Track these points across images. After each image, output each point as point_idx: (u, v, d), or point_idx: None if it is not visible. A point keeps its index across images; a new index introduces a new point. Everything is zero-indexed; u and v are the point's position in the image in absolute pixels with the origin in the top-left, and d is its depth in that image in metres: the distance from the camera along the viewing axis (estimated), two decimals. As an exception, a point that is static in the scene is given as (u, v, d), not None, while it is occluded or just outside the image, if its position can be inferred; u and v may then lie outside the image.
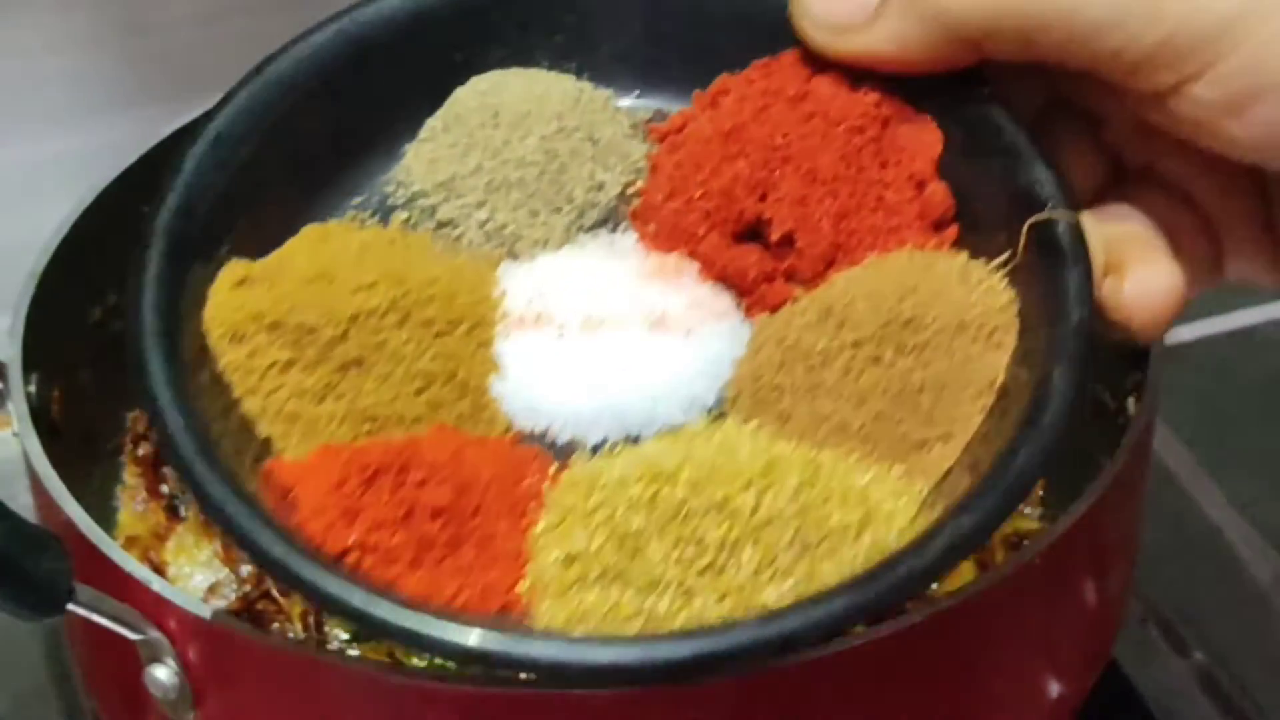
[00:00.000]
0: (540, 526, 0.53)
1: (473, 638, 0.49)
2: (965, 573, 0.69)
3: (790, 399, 0.55)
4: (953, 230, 0.57)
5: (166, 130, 0.74)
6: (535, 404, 0.56)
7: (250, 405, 0.55)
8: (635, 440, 0.55)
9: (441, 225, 0.60)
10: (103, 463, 0.76)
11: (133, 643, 0.59)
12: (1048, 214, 0.54)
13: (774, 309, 0.58)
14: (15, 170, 0.90)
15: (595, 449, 0.56)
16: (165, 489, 0.76)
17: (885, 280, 0.55)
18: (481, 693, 0.55)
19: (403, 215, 0.60)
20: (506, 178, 0.60)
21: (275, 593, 0.71)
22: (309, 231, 0.59)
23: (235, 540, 0.52)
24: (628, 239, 0.60)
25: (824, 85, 0.58)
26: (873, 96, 0.57)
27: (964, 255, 0.56)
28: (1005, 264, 0.55)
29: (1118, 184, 0.58)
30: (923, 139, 0.57)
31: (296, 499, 0.53)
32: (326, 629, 0.71)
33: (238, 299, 0.55)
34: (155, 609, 0.59)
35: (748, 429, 0.55)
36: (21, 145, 0.90)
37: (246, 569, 0.73)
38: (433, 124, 0.61)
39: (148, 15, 0.90)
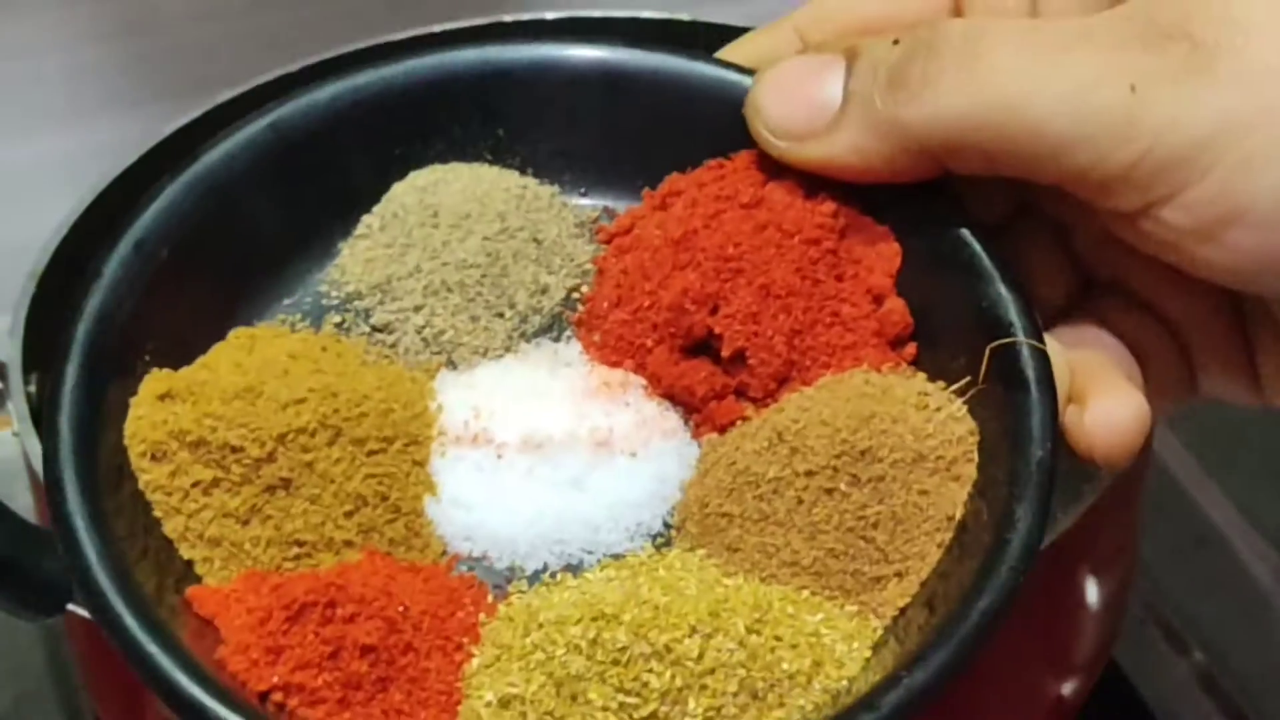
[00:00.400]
0: (474, 665, 0.50)
1: None
2: None
3: (739, 529, 0.52)
4: (911, 349, 0.54)
5: (167, 129, 0.74)
6: (472, 528, 0.53)
7: (171, 527, 0.52)
8: (577, 568, 0.53)
9: (377, 330, 0.56)
10: None
11: None
12: (1011, 340, 0.51)
13: (723, 428, 0.54)
14: (15, 170, 0.89)
15: (534, 576, 0.53)
16: None
17: (840, 405, 0.52)
18: None
19: (336, 318, 0.57)
20: (446, 280, 0.56)
21: None
22: (236, 337, 0.55)
23: (149, 679, 0.48)
24: (572, 349, 0.56)
25: (779, 192, 0.54)
26: (829, 206, 0.54)
27: (922, 378, 0.53)
28: (965, 389, 0.52)
29: (1085, 296, 0.55)
30: (881, 252, 0.54)
31: (218, 632, 0.50)
32: None
33: (160, 414, 0.52)
34: None
35: (694, 560, 0.52)
36: (21, 145, 0.89)
37: None
38: (369, 221, 0.58)
39: (148, 14, 0.88)
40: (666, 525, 0.54)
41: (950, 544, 0.50)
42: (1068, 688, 0.66)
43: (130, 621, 0.49)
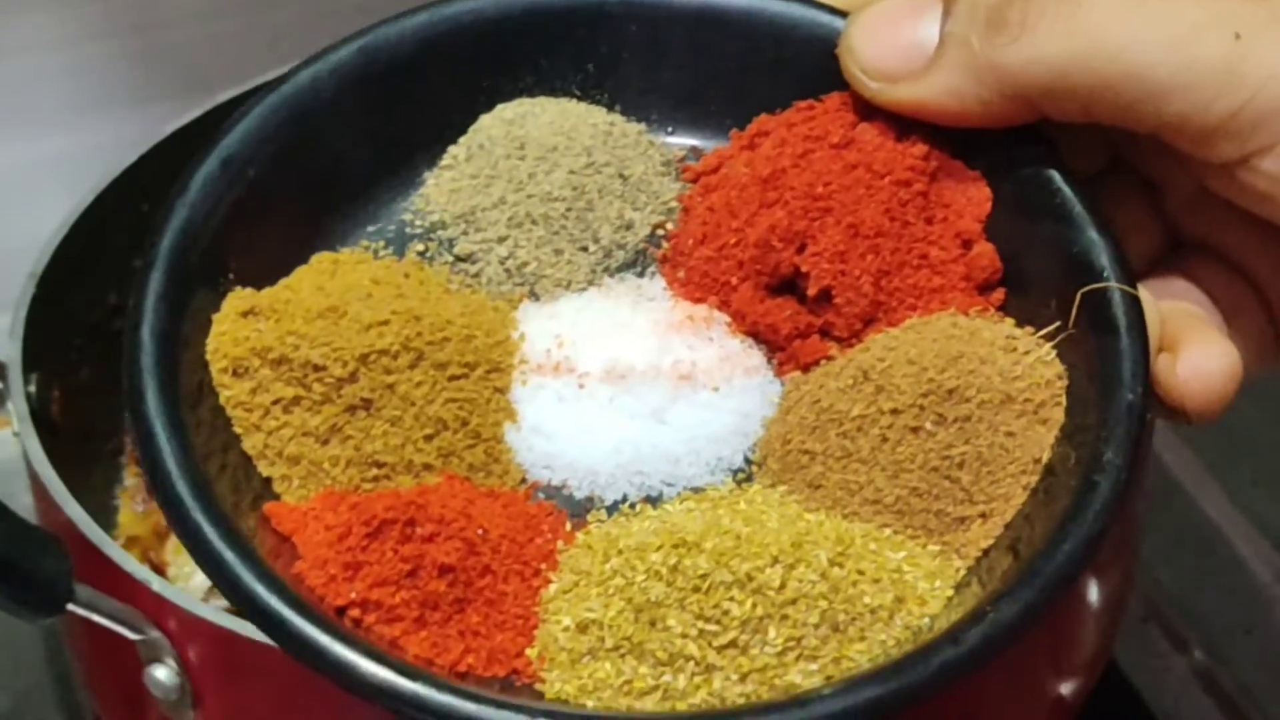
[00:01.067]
0: (552, 590, 0.49)
1: (478, 709, 0.45)
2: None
3: (821, 466, 0.51)
4: (999, 294, 0.53)
5: (168, 129, 0.73)
6: (551, 457, 0.52)
7: (250, 444, 0.51)
8: (656, 499, 0.51)
9: (460, 260, 0.55)
10: (103, 463, 0.75)
11: (133, 643, 0.58)
12: (1103, 284, 0.50)
13: (807, 367, 0.53)
14: (15, 170, 0.88)
15: (613, 507, 0.52)
16: None
17: (927, 346, 0.51)
18: None
19: (419, 247, 0.56)
20: (530, 212, 0.55)
21: None
22: (319, 261, 0.54)
23: (226, 588, 0.47)
24: (655, 284, 0.55)
25: (869, 133, 0.53)
26: (921, 148, 0.53)
27: (1010, 323, 0.52)
28: (1054, 334, 0.50)
29: (1174, 254, 0.54)
30: (972, 196, 0.53)
31: (294, 550, 0.49)
32: None
33: (243, 331, 0.51)
34: (155, 609, 0.58)
35: (775, 496, 0.51)
36: (22, 145, 0.88)
37: None
38: (455, 152, 0.57)
39: (148, 13, 0.87)
40: (748, 461, 0.52)
41: (1036, 487, 0.49)
42: (1068, 688, 0.66)
43: (209, 532, 0.48)
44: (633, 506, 0.51)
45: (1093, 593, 0.64)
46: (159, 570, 0.71)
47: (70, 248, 0.71)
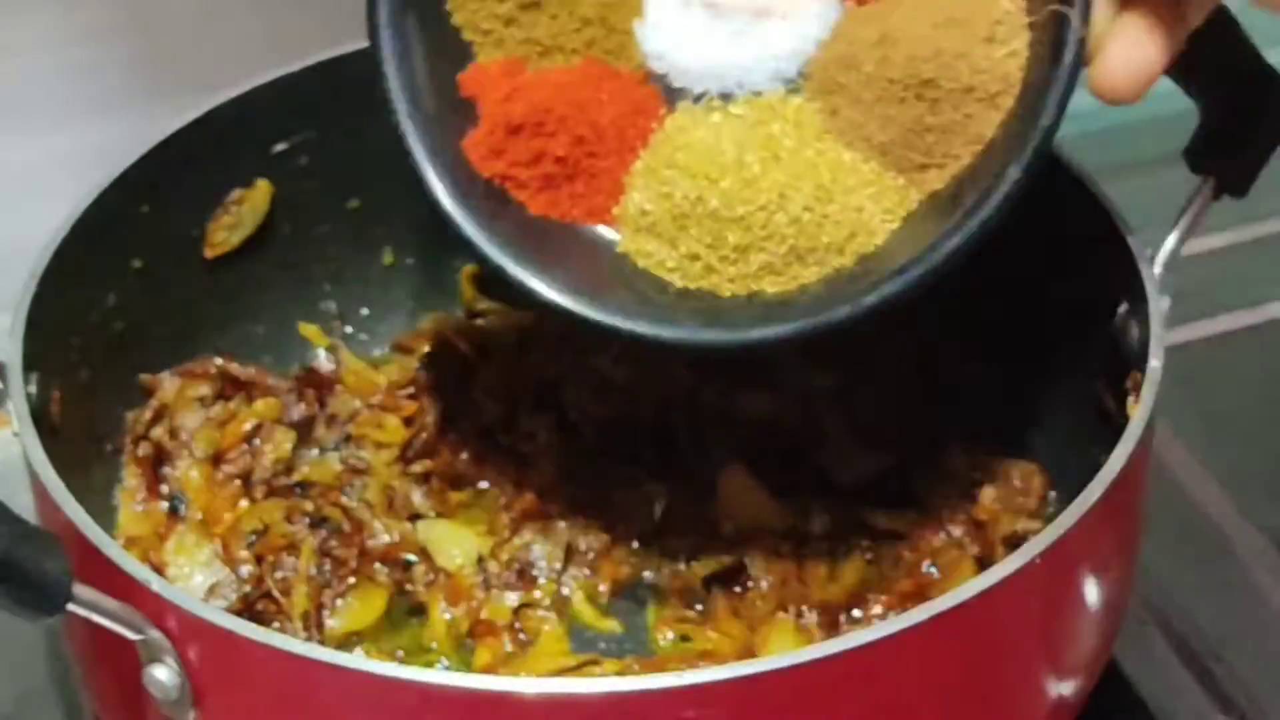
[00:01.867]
0: (638, 166, 0.68)
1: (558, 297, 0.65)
2: (966, 573, 0.71)
3: (840, 98, 0.66)
4: None
5: (168, 129, 0.74)
6: (662, 51, 0.69)
7: (459, 19, 0.68)
8: (728, 97, 0.68)
9: None
10: (103, 463, 0.75)
11: (133, 643, 0.59)
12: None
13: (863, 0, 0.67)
14: (15, 170, 0.89)
15: (698, 98, 0.68)
16: (165, 489, 0.76)
17: (927, 33, 0.64)
18: (480, 693, 0.56)
19: None
20: None
21: (275, 593, 0.72)
22: None
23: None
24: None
25: None
26: None
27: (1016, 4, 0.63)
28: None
29: None
30: None
31: (477, 114, 0.68)
32: (326, 628, 0.72)
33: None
34: (155, 609, 0.59)
35: (806, 114, 0.67)
36: (22, 144, 0.89)
37: (247, 569, 0.73)
38: None
39: (148, 14, 0.88)
40: (800, 74, 0.67)
41: (979, 153, 0.64)
42: (1068, 688, 0.66)
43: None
44: (710, 101, 0.68)
45: (1092, 593, 0.64)
46: (159, 570, 0.71)
47: (70, 248, 0.71)
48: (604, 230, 0.68)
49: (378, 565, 0.74)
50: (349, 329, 0.85)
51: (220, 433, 0.78)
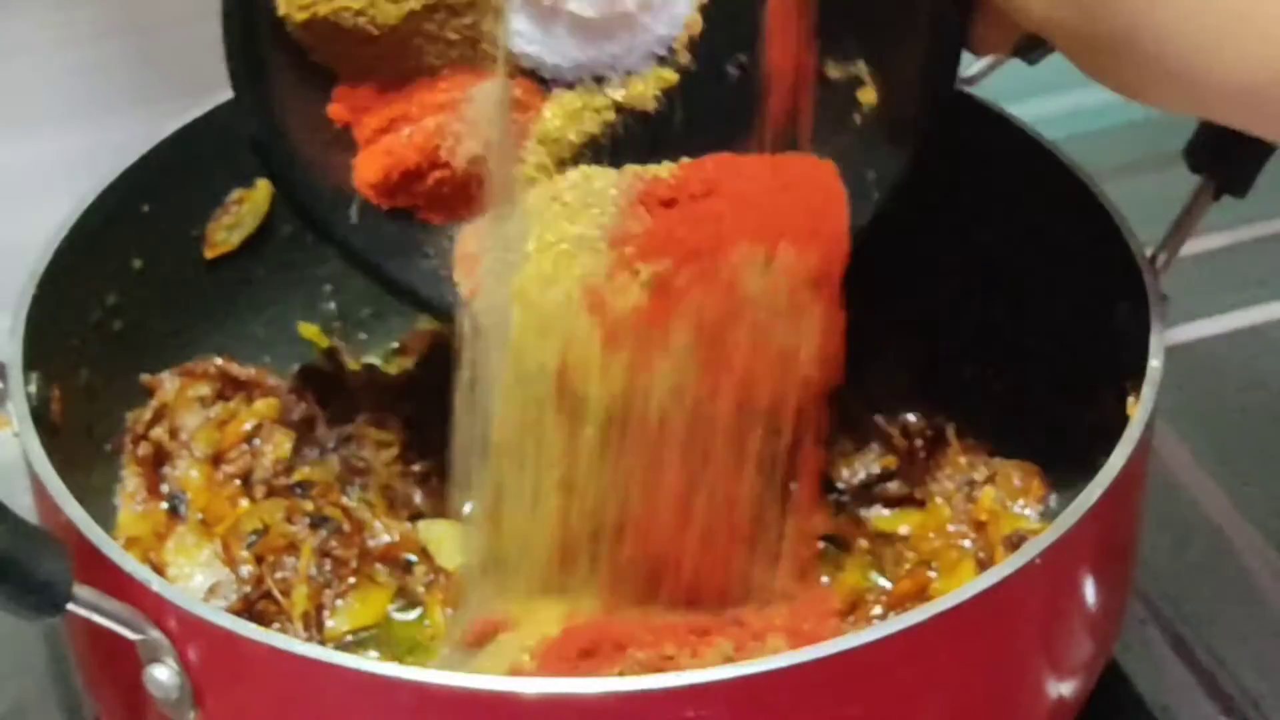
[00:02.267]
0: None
1: None
2: (966, 573, 0.71)
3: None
4: None
5: (168, 129, 0.74)
6: (530, 54, 0.67)
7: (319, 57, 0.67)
8: (601, 81, 0.68)
9: None
10: (103, 463, 0.75)
11: (133, 643, 0.58)
12: None
13: None
14: (15, 170, 0.88)
15: (570, 86, 0.68)
16: (165, 489, 0.76)
17: None
18: (480, 693, 0.55)
19: None
20: None
21: (275, 593, 0.71)
22: None
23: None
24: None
25: None
26: None
27: None
28: None
29: None
30: None
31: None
32: (326, 628, 0.72)
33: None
34: (155, 609, 0.58)
35: None
36: (22, 145, 0.88)
37: (247, 569, 0.72)
38: None
39: (149, 13, 0.88)
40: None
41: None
42: (1068, 688, 0.66)
43: None
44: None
45: (1092, 593, 0.64)
46: (159, 570, 0.71)
47: (70, 248, 0.71)
48: None
49: (378, 565, 0.74)
50: (349, 329, 0.85)
51: (220, 433, 0.77)
